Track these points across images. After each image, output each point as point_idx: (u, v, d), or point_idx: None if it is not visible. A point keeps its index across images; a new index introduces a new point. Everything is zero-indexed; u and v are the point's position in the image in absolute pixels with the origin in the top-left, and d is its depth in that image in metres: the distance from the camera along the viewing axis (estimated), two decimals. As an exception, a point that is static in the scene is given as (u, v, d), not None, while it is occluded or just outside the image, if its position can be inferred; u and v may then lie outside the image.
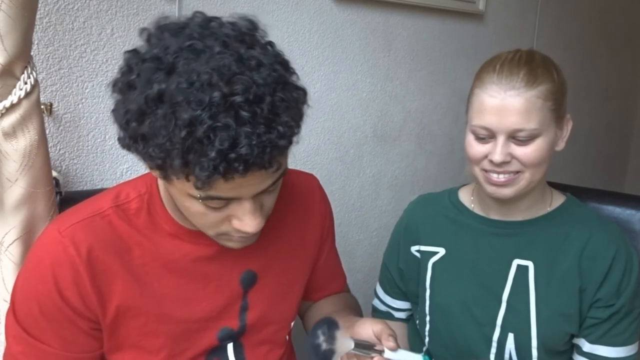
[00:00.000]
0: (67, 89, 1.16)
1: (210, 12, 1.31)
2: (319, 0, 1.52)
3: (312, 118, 1.58)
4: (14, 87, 0.86)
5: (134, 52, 0.72)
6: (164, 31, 0.72)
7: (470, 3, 1.86)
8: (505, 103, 0.95)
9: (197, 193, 0.72)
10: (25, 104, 0.87)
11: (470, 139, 1.02)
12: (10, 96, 0.85)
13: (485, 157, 0.99)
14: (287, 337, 1.01)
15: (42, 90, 1.12)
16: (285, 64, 0.73)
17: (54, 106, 1.14)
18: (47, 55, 1.13)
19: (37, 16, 1.06)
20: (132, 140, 0.70)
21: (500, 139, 0.96)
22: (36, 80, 0.89)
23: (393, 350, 0.84)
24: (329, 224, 1.07)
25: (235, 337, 0.93)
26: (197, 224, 0.81)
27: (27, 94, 0.87)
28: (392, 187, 1.84)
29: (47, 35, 1.12)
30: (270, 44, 0.75)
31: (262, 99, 0.67)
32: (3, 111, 0.85)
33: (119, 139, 0.73)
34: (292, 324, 1.01)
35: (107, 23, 1.20)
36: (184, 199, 0.76)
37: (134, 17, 1.23)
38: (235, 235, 0.80)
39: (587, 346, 1.04)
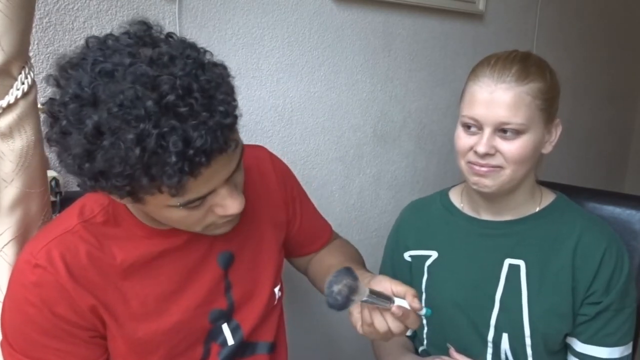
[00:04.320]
0: (66, 89, 1.16)
1: (210, 12, 1.33)
2: (319, 0, 1.52)
3: (312, 118, 1.58)
4: (11, 87, 0.85)
5: (50, 101, 0.72)
6: (67, 69, 0.72)
7: (470, 3, 1.86)
8: (494, 96, 0.98)
9: (175, 202, 0.73)
10: (22, 104, 0.87)
11: (459, 131, 1.05)
12: (7, 96, 0.85)
13: (472, 149, 1.01)
14: (275, 303, 1.03)
15: (41, 90, 1.12)
16: (193, 47, 0.74)
17: (53, 106, 1.14)
18: (47, 55, 1.13)
19: (37, 16, 1.06)
20: (92, 180, 0.71)
21: (487, 131, 0.99)
22: (33, 81, 0.89)
23: (419, 311, 0.85)
24: (290, 186, 1.09)
25: (227, 315, 0.95)
26: (182, 227, 0.83)
27: (25, 94, 0.87)
28: (392, 187, 1.84)
29: (47, 35, 1.12)
30: (170, 35, 0.75)
31: (191, 88, 0.67)
32: (0, 111, 0.85)
33: (79, 186, 0.74)
34: (277, 290, 1.03)
35: (107, 23, 1.19)
36: (163, 211, 0.78)
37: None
38: (221, 221, 0.83)
39: (579, 346, 1.04)
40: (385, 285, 0.86)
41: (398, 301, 0.84)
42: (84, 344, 0.84)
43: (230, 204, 0.79)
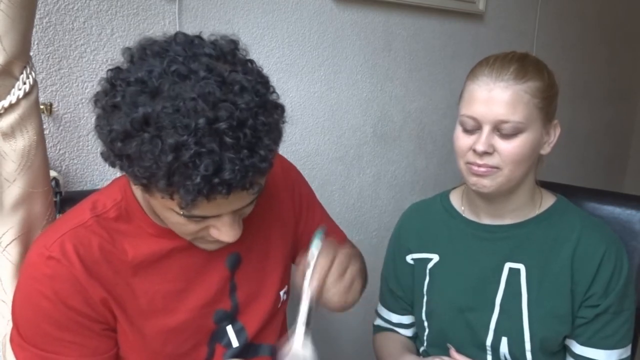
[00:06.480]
0: (67, 89, 1.16)
1: (210, 12, 1.33)
2: (319, 0, 1.52)
3: (312, 118, 1.58)
4: (13, 87, 0.86)
5: (116, 70, 0.73)
6: (147, 52, 0.73)
7: (470, 3, 1.86)
8: (492, 94, 0.98)
9: (179, 210, 0.74)
10: (24, 104, 0.87)
11: (458, 131, 1.05)
12: (8, 96, 0.85)
13: (470, 148, 1.01)
14: (279, 306, 1.03)
15: (42, 90, 1.12)
16: (265, 83, 0.75)
17: (54, 106, 1.14)
18: (47, 55, 1.13)
19: (37, 16, 1.06)
20: (117, 158, 0.72)
21: (486, 129, 0.99)
22: (35, 81, 0.89)
23: None
24: (298, 189, 1.09)
25: (232, 317, 0.95)
26: (174, 229, 0.84)
27: (26, 94, 0.87)
28: (392, 187, 1.84)
29: (47, 35, 1.12)
30: (251, 61, 0.77)
31: (245, 123, 0.69)
32: (2, 111, 0.85)
33: (102, 154, 0.75)
34: (283, 293, 1.03)
35: (107, 23, 1.20)
36: (164, 210, 0.79)
37: (134, 17, 1.23)
38: (211, 239, 0.83)
39: (577, 348, 1.04)
40: None
41: None
42: (96, 337, 0.84)
43: (226, 232, 0.80)
